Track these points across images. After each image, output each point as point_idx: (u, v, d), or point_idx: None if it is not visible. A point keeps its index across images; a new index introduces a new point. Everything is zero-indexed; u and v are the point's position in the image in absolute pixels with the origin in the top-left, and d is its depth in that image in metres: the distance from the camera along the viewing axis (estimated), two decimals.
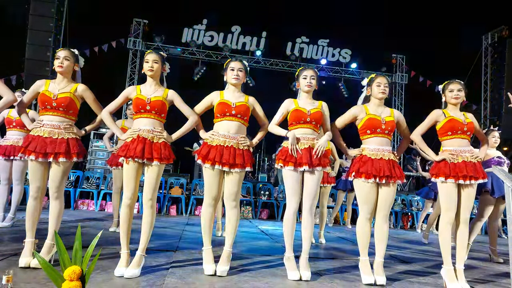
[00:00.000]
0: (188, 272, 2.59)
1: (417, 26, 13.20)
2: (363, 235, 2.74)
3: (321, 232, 4.73)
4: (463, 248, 2.77)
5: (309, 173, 2.75)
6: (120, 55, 12.04)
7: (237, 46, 12.43)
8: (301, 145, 2.75)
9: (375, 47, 13.04)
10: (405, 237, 6.22)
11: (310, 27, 12.92)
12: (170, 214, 7.24)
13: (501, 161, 4.03)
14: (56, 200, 2.58)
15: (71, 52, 2.68)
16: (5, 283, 1.65)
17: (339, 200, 7.07)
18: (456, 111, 2.89)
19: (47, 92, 2.58)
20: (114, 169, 4.45)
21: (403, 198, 8.51)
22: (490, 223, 4.25)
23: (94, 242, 1.75)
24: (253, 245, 4.09)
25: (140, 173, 2.60)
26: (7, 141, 4.20)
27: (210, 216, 2.73)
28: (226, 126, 2.74)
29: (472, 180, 2.74)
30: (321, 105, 2.91)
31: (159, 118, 2.65)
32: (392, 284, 2.70)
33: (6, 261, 2.55)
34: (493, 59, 11.68)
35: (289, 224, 2.75)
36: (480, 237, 6.99)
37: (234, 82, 2.82)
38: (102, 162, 9.24)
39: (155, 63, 2.66)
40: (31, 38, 9.01)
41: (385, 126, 2.77)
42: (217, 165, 2.63)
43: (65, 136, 2.56)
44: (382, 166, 2.68)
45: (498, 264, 4.06)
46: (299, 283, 2.55)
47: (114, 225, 4.37)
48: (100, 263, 2.62)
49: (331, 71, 12.96)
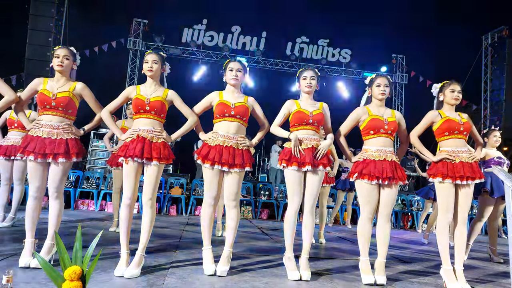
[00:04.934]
0: (188, 272, 2.59)
1: (417, 26, 13.19)
2: (364, 235, 2.74)
3: (321, 232, 4.73)
4: (462, 248, 2.77)
5: (312, 173, 2.75)
6: (120, 55, 12.04)
7: (237, 46, 12.43)
8: (303, 146, 2.75)
9: (375, 47, 13.03)
10: (405, 237, 6.22)
11: (310, 27, 12.92)
12: (170, 214, 7.24)
13: (501, 161, 4.03)
14: (56, 200, 2.58)
15: (70, 51, 2.68)
16: (5, 283, 1.64)
17: (339, 200, 7.07)
18: (452, 112, 2.91)
19: (45, 91, 2.58)
20: (114, 169, 4.45)
21: (403, 198, 8.52)
22: (490, 223, 4.26)
23: (94, 242, 1.75)
24: (253, 245, 4.09)
25: (140, 173, 2.60)
26: (8, 141, 4.20)
27: (210, 216, 2.73)
28: (226, 126, 2.74)
29: (469, 180, 2.75)
30: (322, 106, 2.91)
31: (159, 119, 2.65)
32: (392, 284, 2.70)
33: (6, 261, 2.56)
34: (493, 59, 11.67)
35: (290, 224, 2.75)
36: (480, 237, 6.99)
37: (233, 82, 2.82)
38: (102, 162, 9.24)
39: (154, 63, 2.66)
40: (31, 38, 9.01)
41: (388, 127, 2.77)
42: (217, 165, 2.64)
43: (64, 136, 2.56)
44: (385, 167, 2.68)
45: (498, 264, 4.06)
46: (299, 283, 2.55)
47: (114, 225, 4.37)
48: (100, 263, 2.63)
49: (331, 71, 12.96)
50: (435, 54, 13.30)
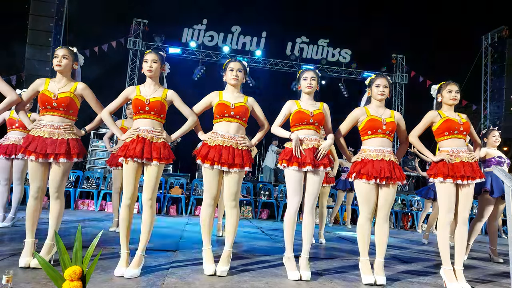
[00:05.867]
0: (188, 272, 2.59)
1: (417, 26, 13.20)
2: (364, 235, 2.74)
3: (321, 232, 4.73)
4: (462, 248, 2.77)
5: (312, 174, 2.76)
6: (120, 55, 12.05)
7: (237, 46, 12.43)
8: (304, 146, 2.76)
9: (375, 47, 13.04)
10: (405, 237, 6.22)
11: (310, 27, 12.92)
12: (170, 214, 7.24)
13: (501, 161, 4.03)
14: (56, 200, 2.58)
15: (69, 51, 2.68)
16: (5, 283, 1.65)
17: (338, 200, 7.07)
18: (451, 112, 2.92)
19: (47, 92, 2.58)
20: (114, 169, 4.45)
21: (403, 198, 8.52)
22: (490, 223, 4.25)
23: (94, 242, 1.75)
24: (253, 245, 4.09)
25: (140, 173, 2.60)
26: (8, 140, 4.20)
27: (210, 216, 2.73)
28: (225, 126, 2.74)
29: (470, 180, 2.75)
30: (323, 106, 2.92)
31: (158, 119, 2.65)
32: (392, 284, 2.70)
33: (6, 261, 2.55)
34: (493, 59, 11.67)
35: (290, 224, 2.75)
36: (480, 237, 6.99)
37: (233, 82, 2.82)
38: (102, 162, 9.24)
39: (154, 62, 2.65)
40: (31, 38, 9.01)
41: (386, 127, 2.78)
42: (216, 164, 2.64)
43: (65, 136, 2.56)
44: (383, 167, 2.68)
45: (498, 264, 4.06)
46: (299, 283, 2.55)
47: (114, 225, 4.37)
48: (100, 263, 2.63)
49: (331, 71, 12.96)
50: (435, 54, 13.31)
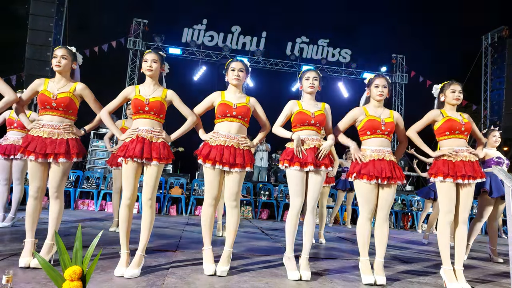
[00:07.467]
0: (188, 272, 2.59)
1: (417, 26, 13.21)
2: (363, 235, 2.74)
3: (321, 232, 4.73)
4: (462, 248, 2.77)
5: (314, 173, 2.76)
6: (120, 55, 12.05)
7: (237, 46, 12.44)
8: (305, 146, 2.76)
9: (375, 47, 13.06)
10: (405, 237, 6.22)
11: (310, 27, 12.94)
12: (170, 214, 7.24)
13: (500, 161, 4.03)
14: (56, 200, 2.58)
15: (68, 51, 2.68)
16: (5, 283, 1.64)
17: (338, 200, 7.07)
18: (454, 112, 2.91)
19: (46, 92, 2.58)
20: (114, 169, 4.45)
21: (403, 198, 8.52)
22: (490, 223, 4.25)
23: (94, 242, 1.75)
24: (253, 245, 4.09)
25: (140, 173, 2.60)
26: (7, 140, 4.20)
27: (210, 216, 2.73)
28: (227, 126, 2.74)
29: (471, 179, 2.75)
30: (324, 106, 2.92)
31: (158, 119, 2.65)
32: (392, 284, 2.70)
33: (6, 261, 2.55)
34: (493, 59, 11.67)
35: (292, 225, 2.75)
36: (480, 237, 6.99)
37: (235, 82, 2.82)
38: (102, 162, 9.24)
39: (153, 62, 2.65)
40: (31, 38, 9.00)
41: (385, 127, 2.77)
42: (218, 164, 2.64)
43: (65, 136, 2.56)
44: (383, 167, 2.68)
45: (498, 264, 4.06)
46: (299, 283, 2.55)
47: (114, 225, 4.37)
48: (100, 263, 2.62)
49: (331, 71, 12.96)
50: (435, 54, 13.33)
